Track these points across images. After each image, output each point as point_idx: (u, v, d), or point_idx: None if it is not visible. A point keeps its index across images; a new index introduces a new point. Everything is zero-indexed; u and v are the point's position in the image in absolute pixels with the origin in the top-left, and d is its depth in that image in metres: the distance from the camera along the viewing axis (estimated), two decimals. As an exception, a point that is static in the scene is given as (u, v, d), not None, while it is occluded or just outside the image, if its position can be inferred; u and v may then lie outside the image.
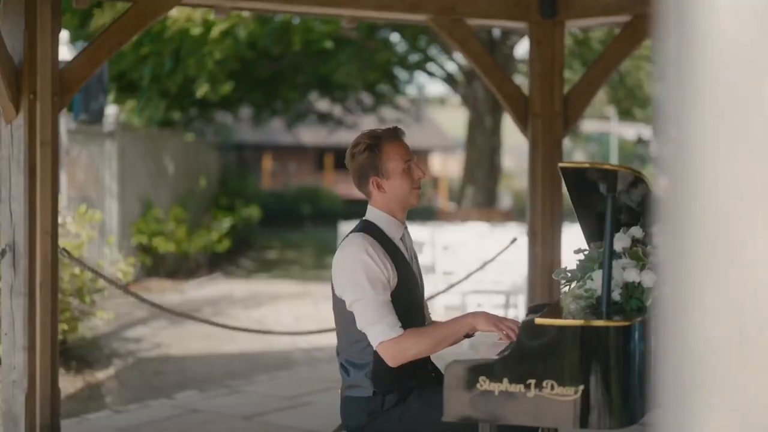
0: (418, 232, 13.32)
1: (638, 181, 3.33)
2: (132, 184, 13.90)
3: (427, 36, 18.26)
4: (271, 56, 18.91)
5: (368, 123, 31.50)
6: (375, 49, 17.98)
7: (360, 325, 3.70)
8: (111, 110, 12.92)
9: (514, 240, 7.12)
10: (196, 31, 12.65)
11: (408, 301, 3.83)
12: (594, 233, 3.74)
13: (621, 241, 3.48)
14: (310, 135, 35.96)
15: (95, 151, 12.60)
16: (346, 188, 36.79)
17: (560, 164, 3.26)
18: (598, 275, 3.40)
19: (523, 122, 6.88)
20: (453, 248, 12.39)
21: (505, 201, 30.48)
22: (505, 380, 3.12)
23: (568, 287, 3.60)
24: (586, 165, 3.25)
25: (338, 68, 17.31)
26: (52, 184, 5.57)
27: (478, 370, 3.15)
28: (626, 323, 3.11)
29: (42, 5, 5.45)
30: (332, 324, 10.80)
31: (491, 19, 6.76)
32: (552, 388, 3.10)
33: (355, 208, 31.79)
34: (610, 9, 6.54)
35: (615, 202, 3.32)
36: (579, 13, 6.67)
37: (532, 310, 4.55)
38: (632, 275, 3.36)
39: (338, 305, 3.86)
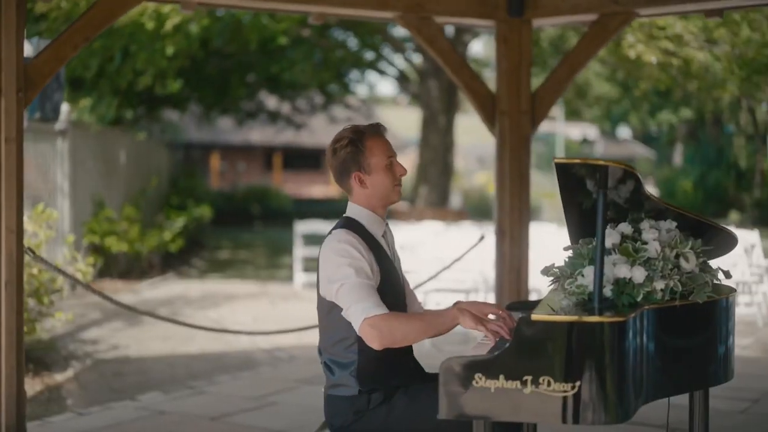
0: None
1: (629, 176, 3.34)
2: (84, 183, 13.68)
3: (379, 35, 18.26)
4: (221, 54, 18.75)
5: (319, 122, 31.51)
6: (328, 47, 17.90)
7: (344, 306, 3.61)
8: (62, 108, 12.69)
9: (482, 238, 7.10)
10: (150, 24, 12.46)
11: (391, 298, 3.80)
12: (582, 230, 3.74)
13: (611, 237, 3.48)
14: (258, 134, 35.81)
15: (47, 150, 12.38)
16: (296, 187, 36.69)
17: (555, 160, 3.25)
18: (588, 271, 3.40)
19: (490, 120, 6.89)
20: (410, 247, 12.38)
21: (455, 200, 30.57)
22: (501, 377, 3.10)
23: (557, 284, 3.59)
24: (581, 161, 3.23)
25: (293, 67, 17.19)
26: (17, 182, 5.46)
27: (473, 367, 3.13)
28: (621, 319, 3.11)
29: (6, 1, 5.33)
30: (293, 324, 10.79)
31: (459, 17, 6.75)
32: (548, 384, 3.08)
33: (305, 208, 31.84)
34: (578, 8, 6.58)
35: (606, 198, 3.31)
36: (546, 12, 6.69)
37: (511, 308, 4.56)
38: (623, 271, 3.36)
39: (322, 303, 3.82)
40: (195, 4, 6.32)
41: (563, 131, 52.26)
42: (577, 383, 3.07)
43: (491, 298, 10.57)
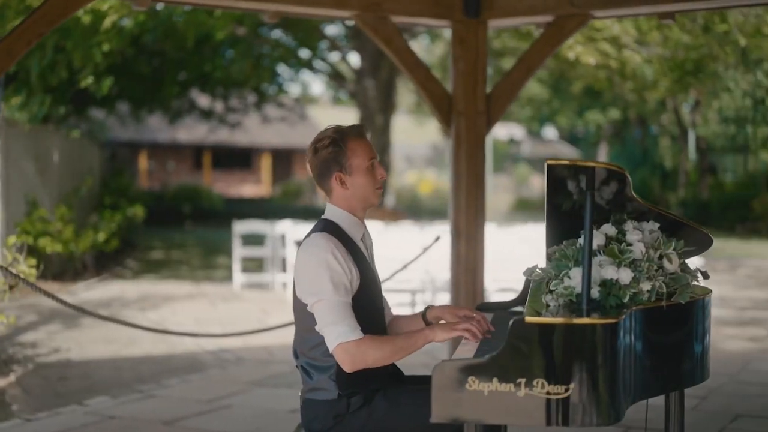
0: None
1: (619, 177, 3.34)
2: (17, 182, 13.35)
3: (314, 33, 18.18)
4: (152, 51, 18.49)
5: (251, 121, 31.27)
6: (263, 45, 17.77)
7: (319, 325, 3.62)
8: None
9: (438, 238, 7.09)
10: (86, 19, 12.19)
11: (370, 303, 3.77)
12: (562, 232, 3.74)
13: (596, 239, 3.49)
14: (187, 133, 35.41)
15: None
16: (226, 187, 36.36)
17: (548, 161, 3.24)
18: (575, 273, 3.40)
19: (446, 121, 6.89)
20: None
21: (388, 200, 30.59)
22: (495, 380, 3.09)
23: (542, 285, 3.58)
24: (574, 162, 3.22)
25: (231, 65, 17.02)
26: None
27: (467, 370, 3.10)
28: (614, 320, 3.12)
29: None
30: (237, 325, 10.64)
31: (415, 17, 6.72)
32: (542, 386, 3.08)
33: (237, 207, 31.50)
34: (534, 9, 6.60)
35: (594, 199, 3.32)
36: (503, 13, 6.71)
37: (482, 309, 4.56)
38: (610, 272, 3.37)
39: (299, 307, 3.76)
40: (149, 0, 6.20)
41: (492, 132, 52.74)
42: (571, 385, 3.07)
43: (439, 298, 10.60)
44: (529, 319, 3.09)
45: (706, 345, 3.76)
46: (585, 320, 3.10)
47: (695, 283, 3.63)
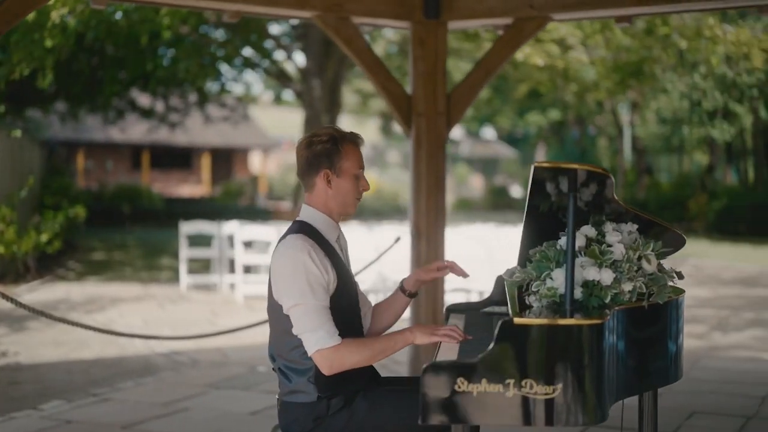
0: (261, 232, 13.19)
1: (604, 180, 3.38)
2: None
3: (256, 33, 18.05)
4: (92, 50, 18.21)
5: (191, 121, 30.96)
6: (209, 44, 17.61)
7: (297, 330, 3.60)
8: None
9: (398, 239, 7.10)
10: (31, 15, 11.94)
11: (347, 304, 3.77)
12: (540, 234, 3.77)
13: (576, 240, 3.52)
14: (125, 132, 34.95)
15: None
16: (165, 187, 35.97)
17: (535, 164, 3.26)
18: (558, 274, 3.44)
19: (406, 121, 6.90)
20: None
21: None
22: (484, 381, 3.10)
23: (523, 286, 3.61)
24: (561, 165, 3.25)
25: (177, 64, 16.83)
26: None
27: (455, 371, 3.12)
28: (599, 321, 3.15)
29: None
30: (187, 326, 10.53)
31: (376, 18, 6.72)
32: (531, 387, 3.10)
33: (177, 207, 31.16)
34: (494, 11, 6.65)
35: (577, 201, 3.36)
36: (462, 15, 6.74)
37: (452, 310, 4.58)
38: (592, 273, 3.41)
39: (275, 309, 3.73)
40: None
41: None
42: (559, 385, 3.10)
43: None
44: (517, 320, 3.11)
45: (680, 344, 3.82)
46: (572, 321, 3.13)
47: (670, 283, 3.69)
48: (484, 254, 10.63)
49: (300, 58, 19.54)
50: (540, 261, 3.56)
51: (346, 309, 3.75)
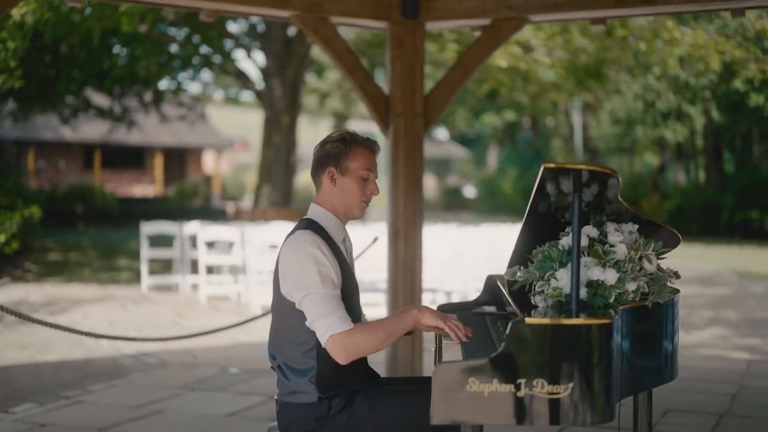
0: (224, 232, 13.11)
1: (611, 180, 3.40)
2: None
3: (215, 31, 17.93)
4: (46, 48, 17.96)
5: (146, 120, 30.66)
6: (170, 43, 17.46)
7: (309, 318, 3.57)
8: None
9: (376, 239, 7.09)
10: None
11: (349, 304, 3.75)
12: (538, 236, 3.79)
13: (582, 241, 3.54)
14: (77, 131, 34.50)
15: None
16: (117, 186, 35.59)
17: (545, 164, 3.27)
18: (562, 274, 3.45)
19: (384, 122, 6.89)
20: (264, 248, 12.24)
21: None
22: (495, 381, 3.11)
23: (526, 286, 3.63)
24: (571, 165, 3.27)
25: (138, 63, 16.66)
26: None
27: (467, 371, 3.12)
28: (608, 321, 3.17)
29: None
30: (153, 327, 10.41)
31: (355, 18, 6.70)
32: (542, 386, 3.11)
33: (131, 207, 30.82)
34: (472, 12, 6.66)
35: (581, 201, 3.38)
36: (440, 15, 6.75)
37: (444, 310, 4.58)
38: (596, 273, 3.43)
39: (282, 305, 3.71)
40: (84, -3, 6.03)
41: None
42: (570, 384, 3.11)
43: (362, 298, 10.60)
44: (529, 320, 3.12)
45: (675, 344, 3.86)
46: (583, 320, 3.15)
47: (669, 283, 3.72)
48: (450, 255, 10.66)
49: (260, 58, 19.47)
50: (543, 261, 3.57)
51: (349, 311, 3.72)
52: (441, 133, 61.20)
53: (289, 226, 13.79)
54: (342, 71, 6.79)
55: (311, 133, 47.48)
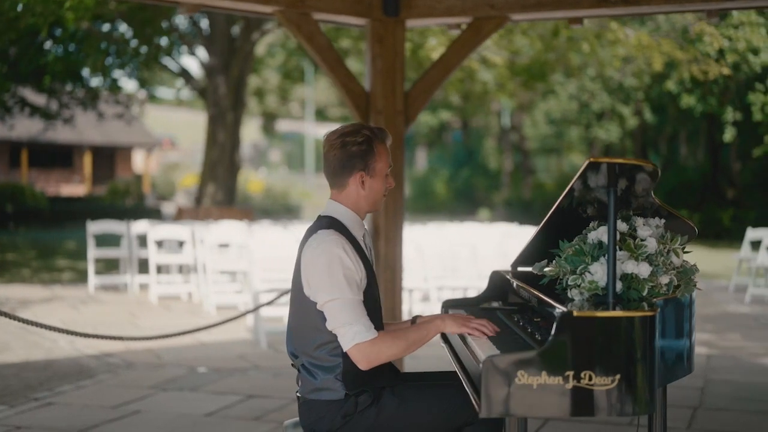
0: (174, 231, 12.97)
1: (649, 174, 3.45)
2: None
3: (152, 29, 17.71)
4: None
5: (79, 118, 30.10)
6: (110, 39, 17.19)
7: (332, 324, 3.57)
8: None
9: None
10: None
11: (372, 305, 3.74)
12: (557, 231, 3.82)
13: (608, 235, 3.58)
14: (2, 129, 33.71)
15: None
16: (45, 186, 34.89)
17: (590, 159, 3.30)
18: (596, 268, 3.49)
19: (364, 119, 6.88)
20: (216, 247, 12.12)
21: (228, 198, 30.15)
22: (544, 373, 3.13)
23: (558, 279, 3.66)
24: (618, 160, 3.30)
25: (84, 60, 16.35)
26: None
27: (516, 364, 3.13)
28: (653, 313, 3.22)
29: None
30: (114, 329, 10.26)
31: (336, 14, 6.68)
32: (590, 379, 3.14)
33: (63, 206, 30.23)
34: (452, 10, 6.69)
35: (617, 195, 3.42)
36: (421, 13, 6.76)
37: (448, 305, 4.60)
38: (630, 267, 3.48)
39: (305, 305, 3.69)
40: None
41: (312, 131, 52.94)
42: (617, 376, 3.15)
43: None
44: (577, 313, 3.15)
45: (693, 338, 3.93)
46: (630, 313, 3.19)
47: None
48: (413, 252, 10.69)
49: (202, 54, 19.23)
50: (575, 255, 3.61)
51: (371, 309, 3.72)
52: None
53: (238, 225, 13.70)
54: (323, 68, 6.77)
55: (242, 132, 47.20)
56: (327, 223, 3.74)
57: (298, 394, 3.83)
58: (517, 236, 13.00)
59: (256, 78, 29.27)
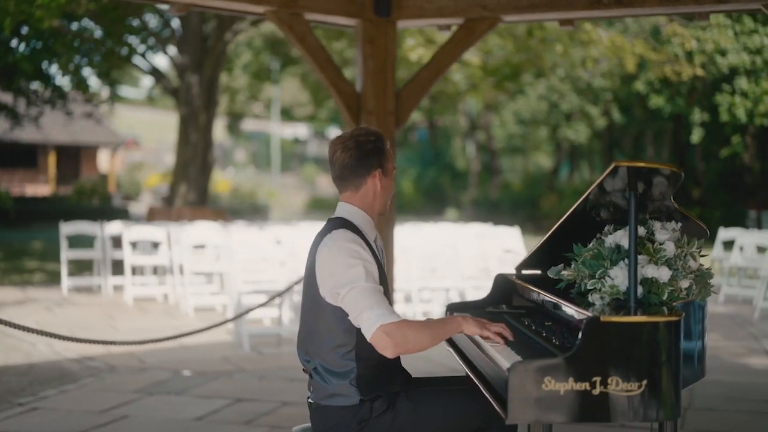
0: (149, 232, 12.85)
1: (673, 178, 3.44)
2: None
3: (122, 28, 17.54)
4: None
5: (52, 118, 29.70)
6: (81, 39, 16.99)
7: (355, 311, 3.49)
8: None
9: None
10: None
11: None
12: (570, 235, 3.81)
13: (628, 239, 3.56)
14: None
15: None
16: (8, 186, 34.43)
17: (617, 162, 3.28)
18: (616, 272, 3.47)
19: (355, 119, 6.84)
20: (191, 248, 12.02)
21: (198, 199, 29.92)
22: (571, 379, 3.11)
23: (576, 283, 3.64)
24: (643, 164, 3.29)
25: (53, 59, 16.15)
26: None
27: (543, 371, 3.11)
28: (678, 318, 3.21)
29: None
30: (93, 332, 10.12)
31: (328, 15, 6.63)
32: (617, 384, 3.12)
33: (29, 207, 29.81)
34: (444, 11, 6.67)
35: (638, 199, 3.40)
36: (413, 14, 6.74)
37: (452, 308, 4.57)
38: (650, 271, 3.46)
39: (319, 308, 3.64)
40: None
41: (278, 131, 52.76)
42: (644, 382, 3.13)
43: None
44: (604, 318, 3.13)
45: (705, 342, 3.93)
46: (656, 318, 3.18)
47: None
48: (397, 253, 10.65)
49: (173, 53, 19.00)
50: (592, 259, 3.59)
51: None
52: (335, 132, 61.19)
53: (214, 226, 13.58)
54: (314, 68, 6.72)
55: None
56: (340, 223, 3.71)
57: (310, 400, 3.78)
58: (494, 236, 13.02)
59: (224, 77, 29.09)
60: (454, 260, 11.17)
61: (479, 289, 11.02)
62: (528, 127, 33.20)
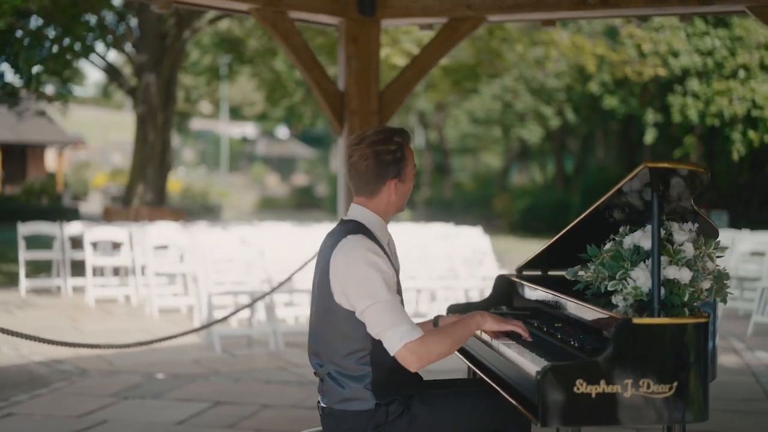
0: (110, 233, 12.67)
1: (700, 179, 3.43)
2: None
3: (78, 25, 17.27)
4: None
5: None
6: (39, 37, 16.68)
7: (376, 329, 3.45)
8: None
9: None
10: None
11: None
12: (584, 236, 3.79)
13: (644, 240, 3.56)
14: None
15: None
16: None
17: (647, 164, 3.26)
18: (638, 273, 3.46)
19: (338, 119, 6.78)
20: (153, 249, 11.87)
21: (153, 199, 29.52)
22: (602, 382, 3.08)
23: (594, 285, 3.62)
24: (674, 165, 3.27)
25: (7, 57, 15.84)
26: None
27: (575, 373, 3.08)
28: (706, 319, 3.20)
29: None
30: (60, 334, 9.94)
31: (312, 13, 6.56)
32: (648, 386, 3.11)
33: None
34: (429, 10, 6.63)
35: (661, 200, 3.39)
36: (397, 13, 6.69)
37: (452, 310, 4.54)
38: (671, 272, 3.45)
39: (333, 312, 3.57)
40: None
41: (225, 130, 52.39)
42: (675, 384, 3.12)
43: (277, 299, 10.42)
44: (636, 320, 3.11)
45: (716, 341, 3.94)
46: (686, 319, 3.17)
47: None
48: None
49: (130, 51, 18.74)
50: (612, 261, 3.57)
51: None
52: (282, 131, 60.87)
53: (175, 226, 13.40)
54: (298, 67, 6.64)
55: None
56: (355, 227, 3.63)
57: (322, 405, 3.71)
58: (458, 237, 13.02)
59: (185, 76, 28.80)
60: (423, 261, 11.13)
61: (449, 290, 11.01)
62: (481, 127, 33.32)
